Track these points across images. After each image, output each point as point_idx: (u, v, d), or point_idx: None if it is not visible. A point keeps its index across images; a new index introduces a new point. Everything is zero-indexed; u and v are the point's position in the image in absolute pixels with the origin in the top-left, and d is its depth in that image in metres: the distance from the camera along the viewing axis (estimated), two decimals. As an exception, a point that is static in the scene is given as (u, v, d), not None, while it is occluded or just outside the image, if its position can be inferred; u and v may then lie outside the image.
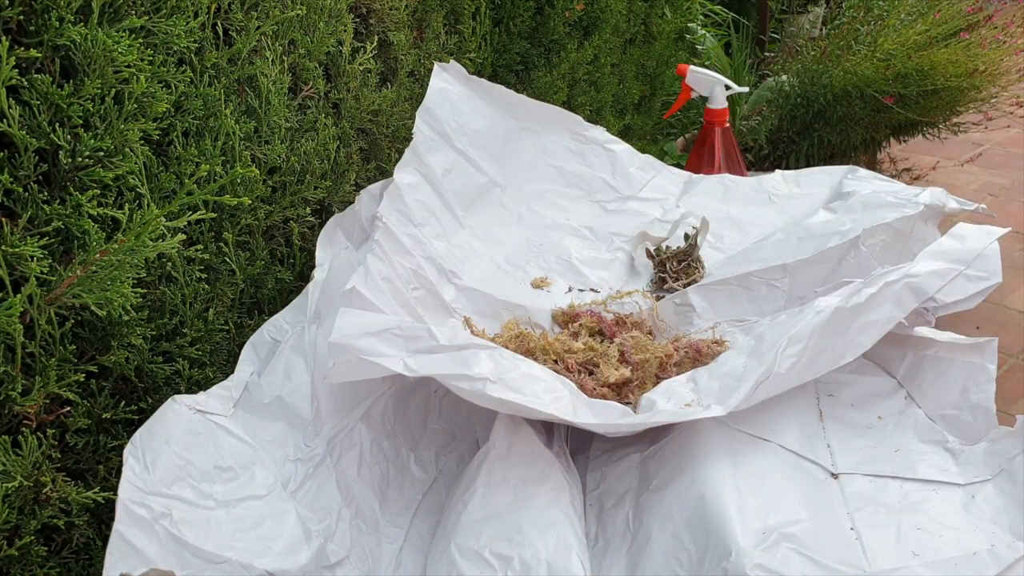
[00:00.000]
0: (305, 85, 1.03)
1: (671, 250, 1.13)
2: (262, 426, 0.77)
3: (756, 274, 0.99)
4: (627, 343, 0.93)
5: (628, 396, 0.88)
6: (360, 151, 1.16)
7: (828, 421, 0.80)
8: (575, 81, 1.74)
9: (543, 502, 0.72)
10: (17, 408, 0.68)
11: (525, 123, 1.22)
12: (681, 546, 0.67)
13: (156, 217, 0.69)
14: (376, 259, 0.87)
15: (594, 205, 1.24)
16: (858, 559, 0.64)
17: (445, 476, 0.85)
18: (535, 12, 1.54)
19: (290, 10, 0.95)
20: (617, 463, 0.81)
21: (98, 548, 0.77)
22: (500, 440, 0.77)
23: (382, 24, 1.17)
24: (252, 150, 0.93)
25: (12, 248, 0.64)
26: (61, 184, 0.70)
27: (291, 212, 1.01)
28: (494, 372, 0.73)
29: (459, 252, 1.07)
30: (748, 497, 0.68)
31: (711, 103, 1.79)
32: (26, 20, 0.66)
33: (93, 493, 0.73)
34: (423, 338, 0.75)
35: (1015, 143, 2.90)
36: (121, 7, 0.72)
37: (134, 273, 0.72)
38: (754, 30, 3.03)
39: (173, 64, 0.79)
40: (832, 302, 0.78)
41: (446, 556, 0.69)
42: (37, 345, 0.69)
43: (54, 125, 0.67)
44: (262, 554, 0.66)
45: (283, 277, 1.01)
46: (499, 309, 1.03)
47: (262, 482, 0.72)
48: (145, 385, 0.82)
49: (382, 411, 0.84)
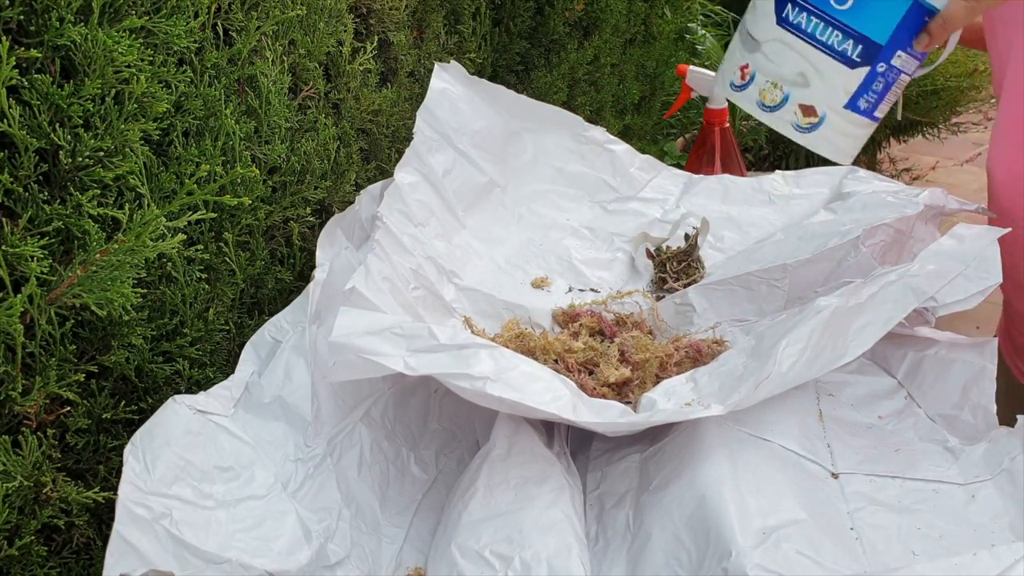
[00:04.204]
0: (305, 85, 1.03)
1: (671, 250, 1.13)
2: (262, 426, 0.77)
3: (756, 274, 0.99)
4: (627, 343, 0.93)
5: (628, 396, 0.88)
6: (360, 151, 1.16)
7: (828, 421, 0.80)
8: (575, 81, 1.74)
9: (544, 502, 0.71)
10: (17, 408, 0.68)
11: (525, 123, 1.22)
12: (681, 546, 0.67)
13: (156, 217, 0.69)
14: (376, 259, 0.87)
15: (594, 205, 1.24)
16: (858, 559, 0.64)
17: (445, 476, 0.85)
18: (535, 12, 1.54)
19: (290, 10, 0.95)
20: (617, 463, 0.81)
21: (98, 548, 0.77)
22: (500, 440, 0.77)
23: (382, 24, 1.17)
24: (252, 150, 0.93)
25: (12, 248, 0.64)
26: (61, 184, 0.70)
27: (291, 212, 1.01)
28: (494, 371, 0.73)
29: (459, 252, 1.07)
30: (748, 497, 0.68)
31: (711, 103, 1.79)
32: (26, 20, 0.66)
33: (93, 493, 0.73)
34: (423, 337, 0.75)
35: (1015, 143, 2.90)
36: (121, 7, 0.72)
37: (134, 273, 0.72)
38: (754, 30, 3.02)
39: (173, 64, 0.79)
40: (832, 302, 0.78)
41: (446, 556, 0.69)
42: (37, 345, 0.69)
43: (54, 125, 0.67)
44: (262, 554, 0.66)
45: (283, 277, 1.01)
46: (499, 309, 1.03)
47: (262, 482, 0.72)
48: (145, 385, 0.82)
49: (382, 411, 0.84)
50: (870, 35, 0.63)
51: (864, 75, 0.64)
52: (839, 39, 0.64)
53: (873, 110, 0.67)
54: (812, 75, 0.66)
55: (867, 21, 0.63)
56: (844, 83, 0.65)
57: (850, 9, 0.64)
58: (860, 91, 0.65)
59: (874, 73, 0.64)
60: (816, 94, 0.66)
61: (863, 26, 0.64)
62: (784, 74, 0.67)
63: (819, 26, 0.65)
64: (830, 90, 0.66)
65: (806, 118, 0.67)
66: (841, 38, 0.64)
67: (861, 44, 0.64)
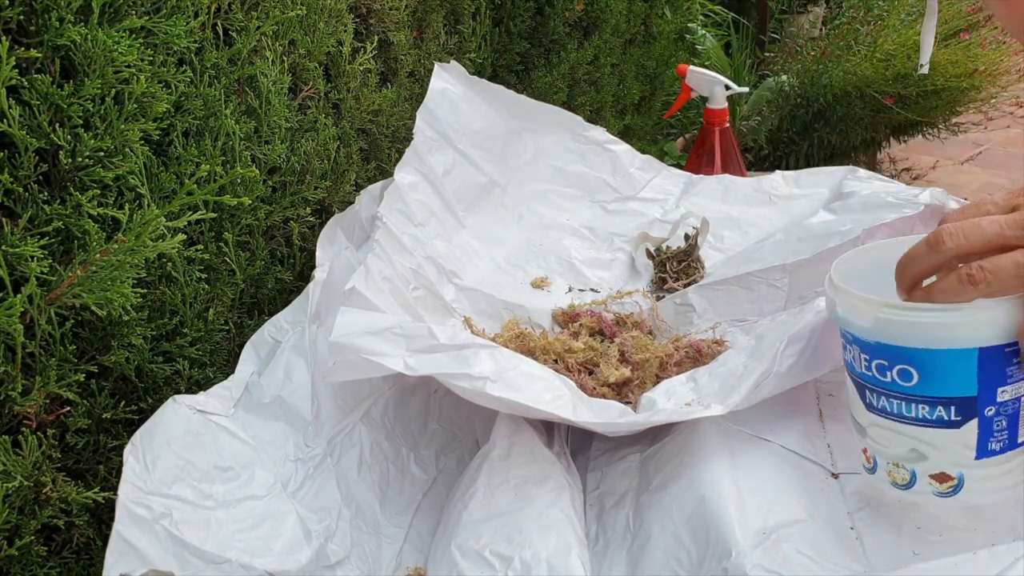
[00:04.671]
0: (305, 85, 1.03)
1: (671, 250, 1.13)
2: (262, 426, 0.77)
3: (756, 274, 0.99)
4: (627, 343, 0.93)
5: (628, 396, 0.88)
6: (360, 151, 1.16)
7: (828, 421, 0.80)
8: (575, 81, 1.74)
9: (544, 502, 0.71)
10: (17, 408, 0.68)
11: (525, 123, 1.22)
12: (681, 546, 0.67)
13: (156, 217, 0.69)
14: (376, 259, 0.87)
15: (594, 205, 1.24)
16: (858, 559, 0.64)
17: (445, 476, 0.85)
18: (535, 12, 1.54)
19: (290, 10, 0.95)
20: (617, 463, 0.81)
21: (98, 548, 0.77)
22: (500, 440, 0.77)
23: (382, 24, 1.17)
24: (252, 150, 0.93)
25: (12, 248, 0.64)
26: (61, 184, 0.70)
27: (291, 212, 1.01)
28: (494, 371, 0.73)
29: (459, 252, 1.07)
30: (748, 497, 0.68)
31: (711, 103, 1.79)
32: (26, 20, 0.66)
33: (93, 493, 0.73)
34: (423, 337, 0.75)
35: (1015, 143, 2.91)
36: (121, 7, 0.72)
37: (134, 273, 0.72)
38: (754, 30, 3.03)
39: (173, 64, 0.79)
40: (832, 302, 0.78)
41: (446, 556, 0.69)
42: (37, 345, 0.69)
43: (54, 125, 0.67)
44: (262, 554, 0.66)
45: (283, 277, 1.01)
46: (499, 309, 1.03)
47: (262, 482, 0.72)
48: (145, 385, 0.82)
49: (382, 411, 0.84)
50: (956, 394, 0.59)
51: (976, 427, 0.59)
52: (928, 411, 0.60)
53: (1015, 439, 0.60)
54: (925, 448, 0.61)
55: (945, 385, 0.59)
56: (961, 441, 0.60)
57: (919, 384, 0.60)
58: (983, 439, 0.60)
59: (985, 419, 0.59)
60: (939, 463, 0.61)
61: (944, 391, 0.59)
62: (899, 455, 0.63)
63: (903, 404, 0.61)
64: (951, 454, 0.61)
65: (943, 485, 0.62)
66: (929, 409, 0.60)
67: (953, 405, 0.59)
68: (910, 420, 0.61)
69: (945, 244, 0.58)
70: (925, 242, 0.60)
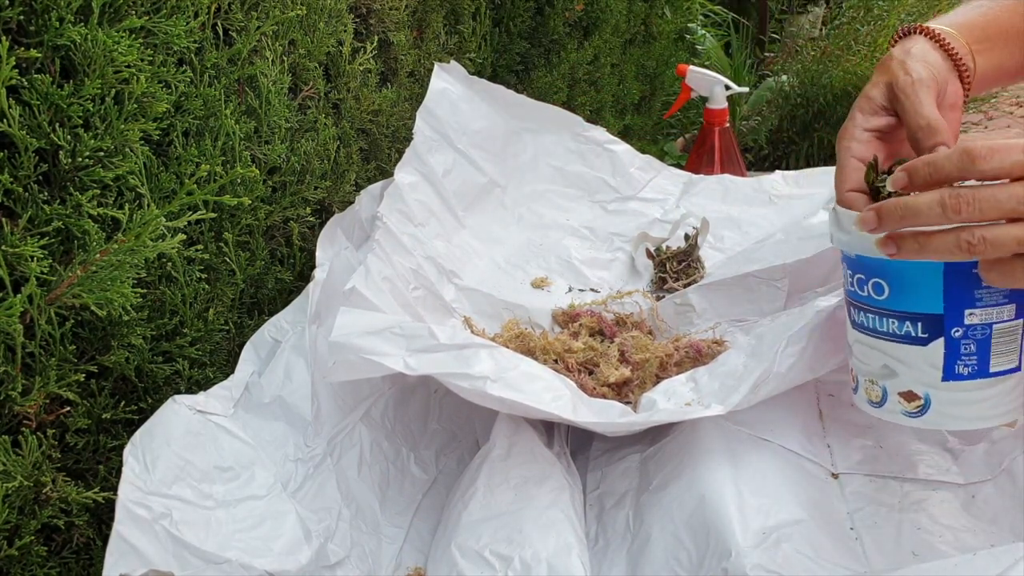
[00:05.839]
0: (305, 85, 1.03)
1: (671, 250, 1.13)
2: (262, 426, 0.77)
3: (756, 274, 0.99)
4: (627, 343, 0.93)
5: (628, 396, 0.88)
6: (360, 151, 1.16)
7: (828, 421, 0.80)
8: (575, 81, 1.74)
9: (544, 502, 0.71)
10: (17, 408, 0.68)
11: (525, 123, 1.22)
12: (681, 546, 0.67)
13: (156, 217, 0.69)
14: (376, 259, 0.87)
15: (594, 205, 1.24)
16: (858, 559, 0.65)
17: (445, 476, 0.85)
18: (535, 12, 1.54)
19: (290, 10, 0.95)
20: (617, 463, 0.81)
21: (98, 548, 0.77)
22: (500, 440, 0.77)
23: (382, 24, 1.17)
24: (252, 150, 0.93)
25: (12, 248, 0.64)
26: (61, 184, 0.70)
27: (291, 212, 1.01)
28: (494, 371, 0.73)
29: (459, 252, 1.07)
30: (748, 497, 0.68)
31: (711, 103, 1.79)
32: (26, 20, 0.66)
33: (93, 493, 0.73)
34: (423, 337, 0.75)
35: (1015, 143, 2.90)
36: (121, 7, 0.72)
37: (134, 273, 0.72)
38: (754, 30, 3.03)
39: (173, 64, 0.79)
40: (832, 302, 0.78)
41: (446, 556, 0.69)
42: (37, 345, 0.69)
43: (54, 125, 0.67)
44: (262, 554, 0.66)
45: (283, 277, 1.01)
46: (499, 309, 1.03)
47: (262, 482, 0.72)
48: (145, 385, 0.82)
49: (382, 411, 0.84)
50: (923, 310, 0.61)
51: (942, 346, 0.61)
52: (896, 325, 0.62)
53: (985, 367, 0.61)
54: (895, 364, 0.63)
55: (913, 300, 0.61)
56: (928, 360, 0.62)
57: (890, 298, 0.62)
58: (950, 360, 0.61)
59: (952, 340, 0.61)
60: (907, 380, 0.63)
61: (912, 305, 0.61)
62: (873, 370, 0.65)
63: (876, 319, 0.63)
64: (919, 372, 0.62)
65: (911, 404, 0.64)
66: (899, 323, 0.62)
67: (920, 321, 0.61)
68: (882, 335, 0.64)
69: (960, 214, 0.57)
70: (939, 203, 0.57)
